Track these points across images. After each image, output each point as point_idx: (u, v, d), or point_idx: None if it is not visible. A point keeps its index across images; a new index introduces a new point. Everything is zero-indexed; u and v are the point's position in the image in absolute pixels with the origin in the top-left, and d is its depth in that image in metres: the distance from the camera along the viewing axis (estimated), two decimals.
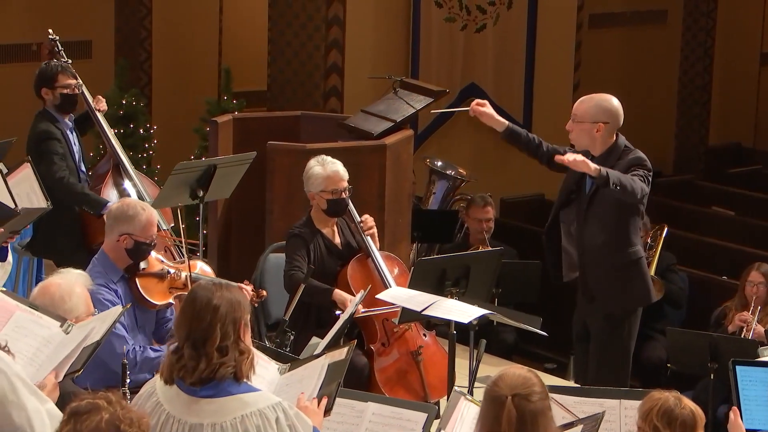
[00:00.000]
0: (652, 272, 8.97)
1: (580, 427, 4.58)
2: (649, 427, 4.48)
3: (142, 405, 4.44)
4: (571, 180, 7.15)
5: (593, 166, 6.75)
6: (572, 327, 7.38)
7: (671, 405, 4.50)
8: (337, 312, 6.87)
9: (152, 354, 6.18)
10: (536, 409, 4.18)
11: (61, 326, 4.91)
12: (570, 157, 6.78)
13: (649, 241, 9.07)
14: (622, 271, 7.05)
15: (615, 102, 7.12)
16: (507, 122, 7.33)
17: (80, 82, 7.99)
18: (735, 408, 4.66)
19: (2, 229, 5.91)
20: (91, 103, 8.11)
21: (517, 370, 4.29)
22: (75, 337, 4.86)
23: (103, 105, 8.22)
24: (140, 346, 6.24)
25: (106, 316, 5.05)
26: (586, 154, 7.00)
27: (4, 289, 5.02)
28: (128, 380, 5.37)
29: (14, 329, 4.88)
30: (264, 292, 6.82)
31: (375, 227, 7.29)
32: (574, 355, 7.58)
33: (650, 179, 7.03)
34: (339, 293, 6.94)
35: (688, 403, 4.53)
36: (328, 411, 4.68)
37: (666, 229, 9.23)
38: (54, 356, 4.80)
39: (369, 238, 7.23)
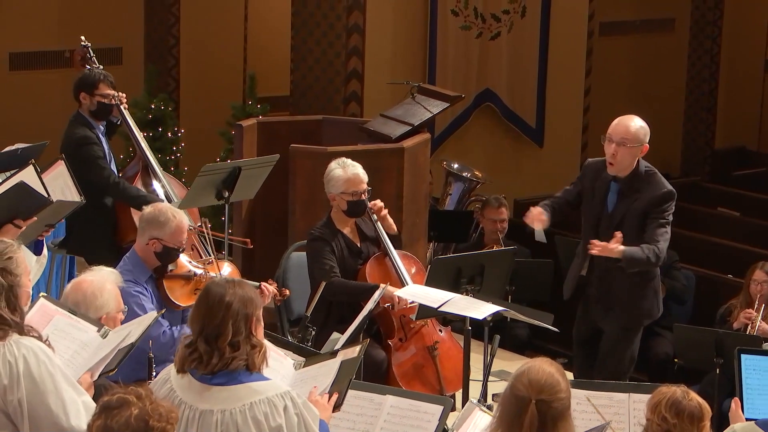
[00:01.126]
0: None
1: None
2: (657, 418, 4.46)
3: (157, 391, 4.46)
4: (597, 204, 7.11)
5: (618, 248, 6.79)
6: (574, 331, 7.37)
7: (679, 397, 4.49)
8: (387, 305, 6.87)
9: (188, 331, 6.18)
10: (557, 413, 4.10)
11: (98, 331, 4.93)
12: (596, 250, 6.80)
13: None
14: (640, 287, 7.06)
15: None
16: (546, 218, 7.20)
17: (117, 94, 7.99)
18: (736, 398, 4.65)
19: (35, 218, 5.92)
20: (121, 106, 8.12)
21: (544, 367, 4.16)
22: (111, 341, 4.89)
23: (124, 99, 8.22)
24: (178, 326, 6.28)
25: (142, 320, 5.09)
26: (597, 172, 6.99)
27: (45, 294, 5.04)
28: (154, 372, 5.39)
29: (53, 332, 4.91)
30: (287, 292, 6.82)
31: (384, 208, 7.25)
32: (575, 359, 7.56)
33: (673, 210, 7.02)
34: (388, 288, 6.91)
35: (695, 396, 4.52)
36: (338, 406, 4.68)
37: None
38: (91, 359, 4.83)
39: (383, 231, 7.20)
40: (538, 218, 7.11)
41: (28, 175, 6.17)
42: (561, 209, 7.25)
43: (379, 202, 7.24)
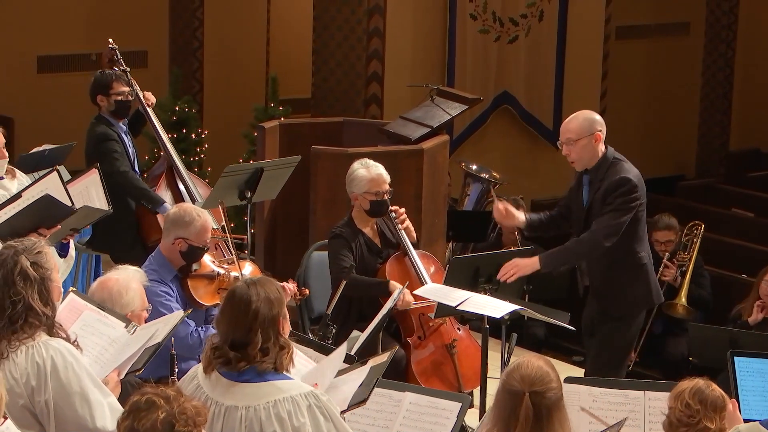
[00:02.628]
0: (689, 273, 8.91)
1: None
2: (681, 405, 4.45)
3: (185, 387, 4.46)
4: (577, 201, 7.03)
5: (534, 266, 6.71)
6: (581, 323, 7.31)
7: (702, 387, 4.51)
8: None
9: (213, 331, 6.20)
10: (551, 404, 4.14)
11: (126, 327, 4.93)
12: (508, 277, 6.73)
13: (683, 241, 9.01)
14: (624, 275, 6.87)
15: (596, 113, 7.00)
16: (524, 218, 7.09)
17: (135, 88, 8.01)
18: (733, 400, 4.64)
19: (59, 226, 5.93)
20: (146, 105, 8.14)
21: (534, 362, 4.21)
22: (139, 338, 4.89)
23: (152, 98, 8.23)
24: (202, 327, 6.29)
25: (169, 318, 5.09)
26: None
27: (74, 289, 5.05)
28: (176, 369, 5.39)
29: (82, 327, 4.92)
30: (306, 291, 6.83)
31: (407, 218, 7.25)
32: (586, 351, 7.51)
33: (633, 197, 6.72)
34: (394, 284, 6.93)
35: (717, 388, 4.53)
36: (363, 401, 4.67)
37: (702, 227, 9.10)
38: (118, 355, 4.83)
39: (404, 232, 7.20)
40: (501, 215, 7.02)
41: (52, 182, 6.18)
42: (556, 220, 7.17)
43: (402, 211, 7.23)
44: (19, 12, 11.72)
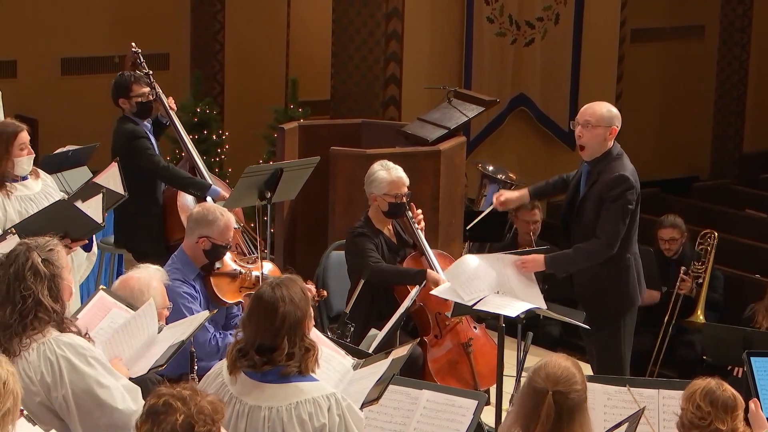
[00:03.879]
0: (706, 285, 8.85)
1: (624, 427, 4.50)
2: (692, 407, 4.44)
3: (210, 384, 4.47)
4: (572, 189, 6.98)
5: (539, 265, 6.68)
6: (581, 330, 7.23)
7: (713, 387, 4.49)
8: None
9: (231, 339, 6.20)
10: (574, 405, 4.11)
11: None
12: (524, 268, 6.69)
13: (697, 250, 8.93)
14: (607, 278, 6.81)
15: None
16: (527, 190, 7.14)
17: (156, 89, 8.02)
18: (755, 399, 4.61)
19: (86, 240, 5.94)
20: (168, 108, 8.15)
21: (561, 361, 4.20)
22: (166, 336, 4.90)
23: (173, 104, 8.25)
24: (220, 333, 6.30)
25: (194, 318, 5.11)
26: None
27: (104, 287, 5.07)
28: (195, 366, 5.40)
29: (110, 324, 4.94)
30: (324, 293, 6.85)
31: (421, 215, 7.25)
32: (587, 351, 7.46)
33: (631, 198, 6.69)
34: (432, 273, 6.91)
35: (729, 388, 4.51)
36: (377, 399, 4.66)
37: (716, 236, 9.01)
38: (142, 351, 4.84)
39: (420, 231, 7.19)
40: (501, 203, 7.10)
41: (112, 175, 6.28)
42: (545, 190, 7.17)
43: (418, 212, 7.22)
44: (44, 15, 11.75)
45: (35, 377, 4.41)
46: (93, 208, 6.15)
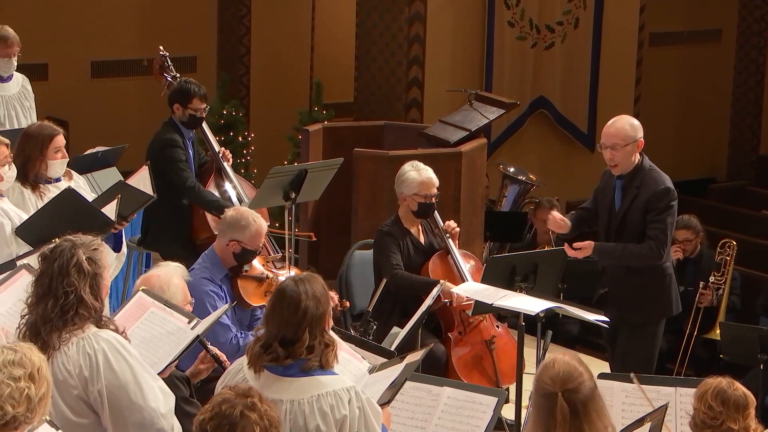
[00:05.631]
0: (726, 296, 8.79)
1: (648, 424, 4.47)
2: (704, 406, 4.42)
3: (231, 379, 4.48)
4: (606, 204, 6.98)
5: (588, 251, 6.73)
6: (603, 331, 7.22)
7: (724, 387, 4.45)
8: (446, 301, 6.85)
9: (252, 338, 6.21)
10: (585, 398, 4.08)
11: (189, 322, 4.94)
12: (572, 253, 6.74)
13: (716, 260, 8.85)
14: (647, 284, 6.84)
15: (635, 119, 6.97)
16: (569, 224, 7.09)
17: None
18: None
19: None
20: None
21: (560, 360, 4.14)
22: (198, 331, 4.91)
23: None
24: (241, 333, 6.31)
25: (215, 315, 5.12)
26: (609, 175, 6.88)
27: (145, 288, 5.08)
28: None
29: (147, 324, 4.94)
30: (347, 303, 6.86)
31: (458, 228, 7.27)
32: (608, 356, 7.43)
33: (676, 209, 6.80)
34: (447, 285, 6.86)
35: (740, 387, 4.47)
36: (388, 403, 4.67)
37: (735, 245, 8.92)
38: (175, 347, 4.85)
39: (451, 240, 7.21)
40: (557, 224, 7.04)
41: (142, 176, 6.28)
42: (585, 218, 7.16)
43: (453, 224, 7.21)
44: (75, 20, 11.80)
45: (74, 371, 4.44)
46: (114, 205, 6.16)
